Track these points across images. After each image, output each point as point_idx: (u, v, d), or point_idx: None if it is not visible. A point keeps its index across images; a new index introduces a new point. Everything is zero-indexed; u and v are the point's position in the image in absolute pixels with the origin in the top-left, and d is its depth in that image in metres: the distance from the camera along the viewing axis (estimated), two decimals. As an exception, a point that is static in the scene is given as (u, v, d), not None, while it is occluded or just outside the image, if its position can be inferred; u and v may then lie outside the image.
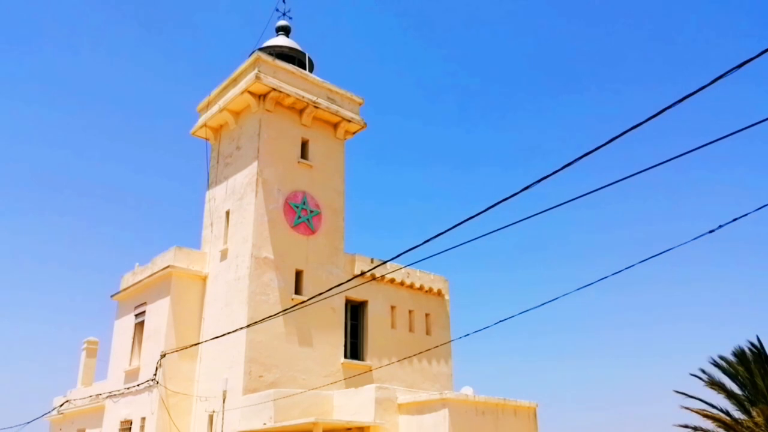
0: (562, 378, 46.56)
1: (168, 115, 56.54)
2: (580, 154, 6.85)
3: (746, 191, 45.20)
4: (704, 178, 50.10)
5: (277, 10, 23.42)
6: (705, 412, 13.95)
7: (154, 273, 19.71)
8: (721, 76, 6.01)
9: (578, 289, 8.70)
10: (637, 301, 50.19)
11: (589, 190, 7.67)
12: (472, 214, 8.37)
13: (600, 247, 51.53)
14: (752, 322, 41.68)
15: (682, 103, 6.40)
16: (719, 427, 13.63)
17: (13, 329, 51.54)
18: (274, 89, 19.42)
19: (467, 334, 9.95)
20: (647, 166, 7.08)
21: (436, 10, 57.31)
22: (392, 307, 20.86)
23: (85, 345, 25.56)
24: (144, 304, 20.21)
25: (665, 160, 6.49)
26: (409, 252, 9.03)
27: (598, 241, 53.00)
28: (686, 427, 14.41)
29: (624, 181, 7.23)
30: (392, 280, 20.80)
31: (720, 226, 6.76)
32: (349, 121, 21.14)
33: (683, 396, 14.34)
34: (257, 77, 19.06)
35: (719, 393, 14.10)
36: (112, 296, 22.32)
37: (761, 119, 6.53)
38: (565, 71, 56.05)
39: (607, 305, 50.69)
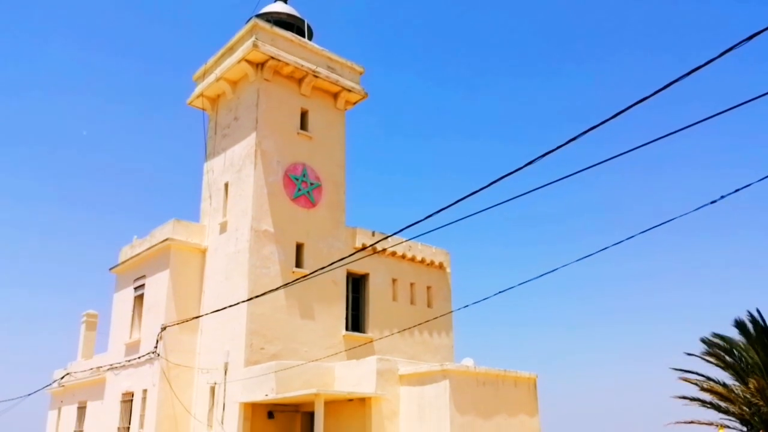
0: (563, 348, 47.23)
1: (165, 85, 56.24)
2: (586, 126, 6.98)
3: (749, 162, 45.38)
4: (706, 150, 50.17)
5: (275, -25, 23.16)
6: (702, 385, 14.31)
7: (153, 246, 19.93)
8: (730, 49, 6.09)
9: (578, 260, 8.91)
10: (640, 270, 50.61)
11: (592, 164, 7.81)
12: (474, 189, 8.52)
13: (603, 217, 51.75)
14: (755, 291, 42.22)
15: (681, 74, 6.50)
16: (715, 398, 14.00)
17: (12, 303, 52.06)
18: (273, 58, 19.38)
19: (467, 305, 10.20)
20: (650, 140, 7.20)
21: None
22: (394, 280, 21.15)
23: (84, 318, 25.93)
24: (143, 277, 20.48)
25: (668, 133, 6.61)
26: (411, 226, 9.21)
27: (601, 210, 53.19)
28: (684, 398, 14.79)
29: (627, 153, 7.36)
30: (394, 253, 21.05)
31: (722, 197, 6.94)
32: (350, 90, 21.13)
33: (685, 360, 14.71)
34: (255, 45, 19.00)
35: (717, 364, 14.45)
36: (110, 269, 22.60)
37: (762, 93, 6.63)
38: (577, 38, 55.54)
39: (610, 275, 51.12)
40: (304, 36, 21.74)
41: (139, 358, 19.27)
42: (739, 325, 13.94)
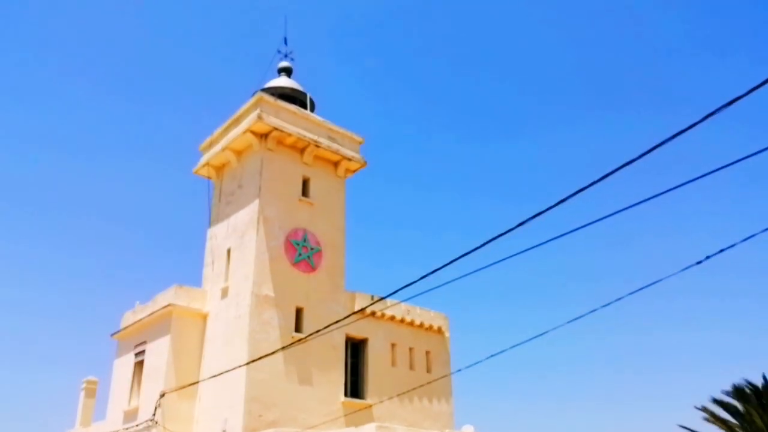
0: (565, 419, 45.93)
1: (170, 154, 57.29)
2: (582, 185, 7.14)
3: (734, 223, 45.76)
4: (692, 211, 50.65)
5: (279, 51, 24.18)
6: None
7: (155, 311, 19.83)
8: (707, 116, 6.31)
9: (569, 321, 8.87)
10: (637, 340, 49.93)
11: (587, 222, 7.92)
12: (471, 249, 8.60)
13: (606, 280, 51.30)
14: (750, 356, 41.60)
15: (672, 138, 6.71)
16: None
17: (11, 369, 51.18)
18: (276, 129, 19.90)
19: (459, 369, 10.07)
20: (641, 199, 7.34)
21: (435, 52, 58.68)
22: (392, 345, 20.88)
23: (84, 384, 25.42)
24: (144, 342, 20.27)
25: (657, 194, 6.76)
26: (409, 288, 9.23)
27: (606, 275, 52.81)
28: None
29: (627, 211, 7.48)
30: (392, 317, 20.88)
31: (707, 257, 6.99)
32: (350, 159, 21.56)
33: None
34: (259, 117, 19.56)
35: (721, 428, 14.07)
36: (112, 335, 22.40)
37: (745, 155, 6.83)
38: (563, 98, 56.95)
39: (609, 346, 50.31)
40: (306, 108, 22.37)
41: (137, 425, 18.81)
42: (737, 391, 13.67)
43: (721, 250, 6.92)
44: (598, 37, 55.72)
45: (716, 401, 14.33)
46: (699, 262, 7.10)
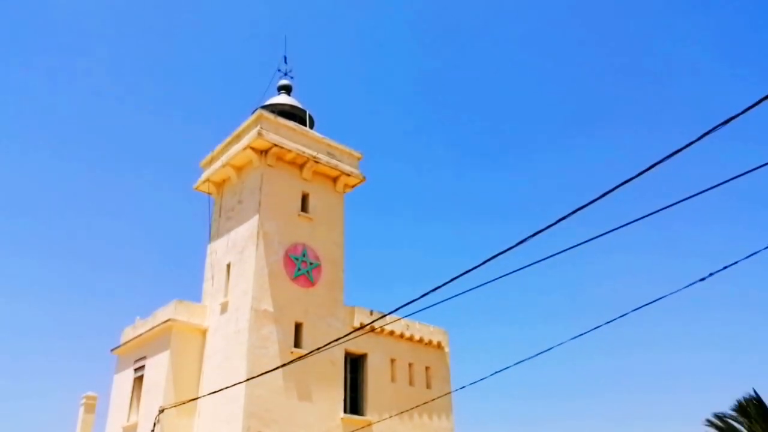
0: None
1: (171, 170, 57.16)
2: (580, 203, 7.03)
3: (736, 243, 45.55)
4: (692, 229, 50.49)
5: (279, 70, 24.20)
6: None
7: (155, 326, 19.58)
8: (706, 134, 6.21)
9: (572, 338, 8.70)
10: (640, 358, 49.46)
11: (588, 238, 7.79)
12: (470, 266, 8.45)
13: (608, 298, 50.91)
14: (752, 371, 41.20)
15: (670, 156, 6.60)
16: None
17: (11, 385, 50.64)
18: (276, 145, 19.81)
19: (463, 387, 9.86)
20: (649, 212, 7.22)
21: (434, 64, 58.91)
22: (392, 360, 20.61)
23: (83, 400, 25.04)
24: (144, 358, 19.99)
25: (667, 205, 6.64)
26: (408, 304, 9.08)
27: (608, 292, 52.42)
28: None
29: (627, 228, 7.36)
30: (392, 333, 20.63)
31: (711, 274, 6.87)
32: (349, 175, 21.45)
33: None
34: (259, 134, 19.48)
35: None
36: (112, 350, 22.12)
37: (745, 171, 6.71)
38: (562, 123, 57.11)
39: (611, 363, 49.80)
40: (305, 125, 22.29)
41: (135, 442, 18.49)
42: (740, 408, 13.36)
43: (725, 267, 6.82)
44: (586, 62, 56.04)
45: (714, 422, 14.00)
46: (702, 279, 6.98)
